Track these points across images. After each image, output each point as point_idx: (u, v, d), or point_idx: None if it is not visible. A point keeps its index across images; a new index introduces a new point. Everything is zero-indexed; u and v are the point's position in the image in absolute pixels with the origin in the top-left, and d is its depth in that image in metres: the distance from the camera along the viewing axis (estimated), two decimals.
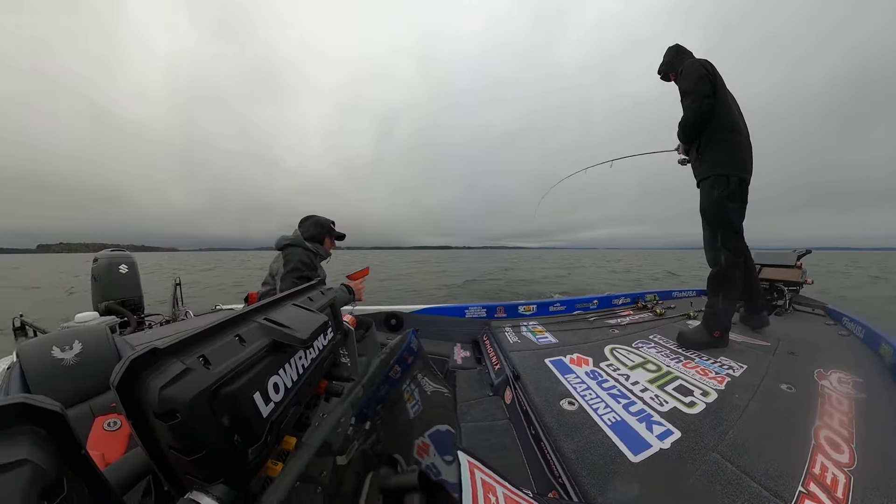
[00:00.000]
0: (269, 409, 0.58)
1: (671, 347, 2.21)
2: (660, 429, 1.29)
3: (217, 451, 0.50)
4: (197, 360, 0.51)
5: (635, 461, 1.13)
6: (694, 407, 1.44)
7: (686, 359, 2.00)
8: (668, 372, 1.82)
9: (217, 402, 0.50)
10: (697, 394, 1.55)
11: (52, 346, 1.53)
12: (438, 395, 1.01)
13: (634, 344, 2.29)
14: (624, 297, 3.64)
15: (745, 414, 1.37)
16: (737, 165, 2.15)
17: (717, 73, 2.20)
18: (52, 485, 0.34)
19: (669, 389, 1.61)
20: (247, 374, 0.56)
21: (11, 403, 0.34)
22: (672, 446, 1.19)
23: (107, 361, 1.58)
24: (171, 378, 0.46)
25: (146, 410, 0.46)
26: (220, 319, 0.60)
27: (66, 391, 1.41)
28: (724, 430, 1.27)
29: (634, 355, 2.08)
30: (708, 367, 1.87)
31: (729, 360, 1.95)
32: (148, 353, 0.46)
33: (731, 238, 2.19)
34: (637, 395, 1.56)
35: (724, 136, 2.16)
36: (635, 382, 1.70)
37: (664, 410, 1.42)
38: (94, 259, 3.77)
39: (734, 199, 2.13)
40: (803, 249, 3.37)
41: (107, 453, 1.17)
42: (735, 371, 1.79)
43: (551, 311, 3.33)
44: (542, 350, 2.25)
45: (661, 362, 1.96)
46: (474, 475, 0.70)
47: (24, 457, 0.32)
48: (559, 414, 1.44)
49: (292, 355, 0.68)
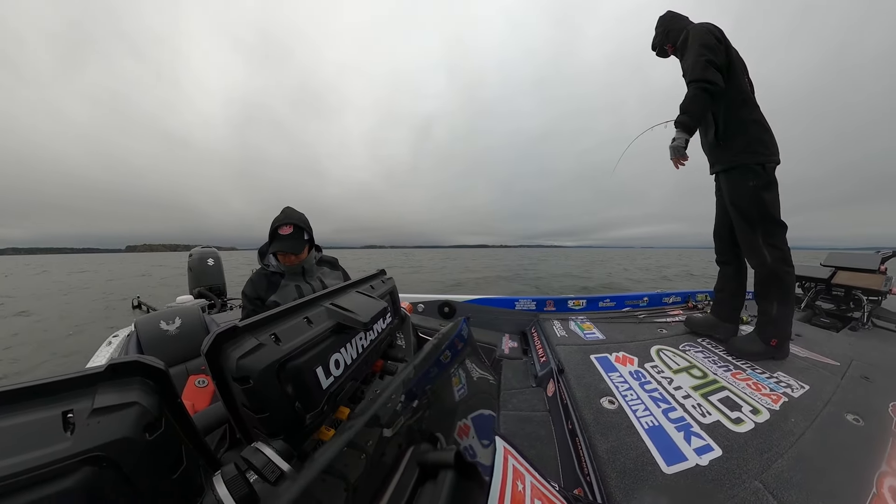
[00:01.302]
0: (328, 381, 0.66)
1: (720, 354, 2.06)
2: (699, 442, 1.23)
3: (280, 414, 0.58)
4: (269, 338, 0.58)
5: (667, 472, 1.09)
6: (740, 424, 1.35)
7: (736, 368, 1.86)
8: (715, 380, 1.71)
9: (284, 373, 0.58)
10: (746, 410, 1.45)
11: (159, 321, 2.05)
12: (484, 381, 1.04)
13: (681, 346, 2.17)
14: (675, 295, 3.42)
15: (799, 442, 1.25)
16: (772, 150, 1.86)
17: (726, 38, 1.85)
18: (154, 422, 0.42)
19: (714, 400, 1.52)
20: (311, 350, 0.64)
21: (128, 361, 0.44)
22: (710, 464, 1.13)
23: (199, 334, 2.08)
24: (247, 350, 0.54)
25: (227, 374, 0.55)
26: (292, 304, 0.67)
27: (168, 354, 1.87)
28: (771, 456, 1.17)
29: (680, 358, 1.98)
30: (762, 381, 1.73)
31: (788, 377, 1.78)
32: (230, 330, 0.55)
33: (776, 232, 1.90)
34: (678, 402, 1.49)
35: (749, 114, 1.84)
36: (678, 387, 1.62)
37: (706, 422, 1.35)
38: (189, 254, 4.61)
39: (772, 189, 1.85)
40: (889, 251, 2.87)
41: (196, 403, 1.48)
42: (794, 391, 1.64)
43: (601, 306, 3.24)
44: (588, 346, 2.21)
45: (707, 369, 1.85)
46: (507, 461, 0.73)
47: (135, 400, 0.42)
48: (598, 411, 1.42)
49: (353, 336, 0.76)
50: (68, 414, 0.38)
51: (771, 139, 1.89)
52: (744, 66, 1.93)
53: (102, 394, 0.41)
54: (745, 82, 1.91)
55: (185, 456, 0.46)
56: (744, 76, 1.91)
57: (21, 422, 0.36)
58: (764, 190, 1.85)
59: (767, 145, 1.86)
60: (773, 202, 1.88)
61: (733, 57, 1.85)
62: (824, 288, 3.26)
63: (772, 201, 1.87)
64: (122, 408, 0.40)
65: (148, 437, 0.41)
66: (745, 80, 1.91)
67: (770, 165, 1.85)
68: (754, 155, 1.85)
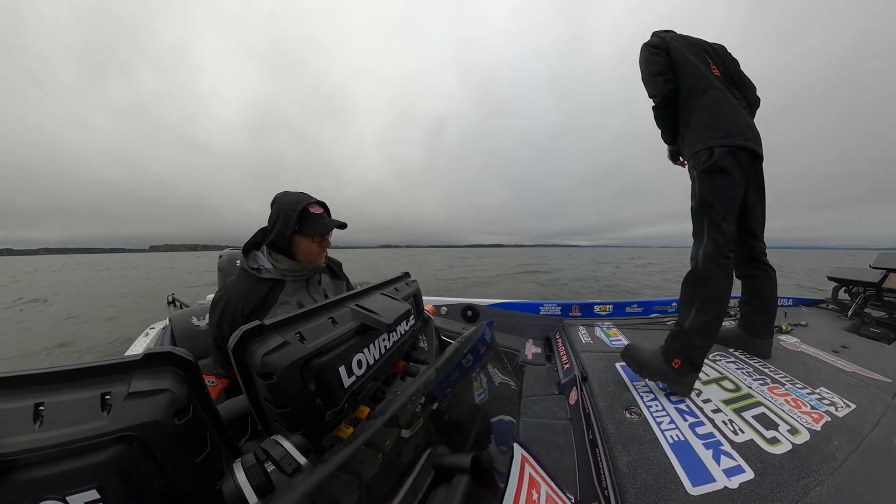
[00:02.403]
0: (350, 381, 0.68)
1: (756, 365, 1.94)
2: (729, 462, 1.16)
3: (301, 410, 0.60)
4: (294, 336, 0.61)
5: (692, 493, 1.03)
6: (776, 445, 1.26)
7: (774, 382, 1.74)
8: (749, 395, 1.62)
9: (307, 370, 0.60)
10: (783, 429, 1.35)
11: (192, 317, 2.22)
12: (505, 386, 1.04)
13: (712, 356, 2.06)
14: None
15: (842, 468, 1.15)
16: (721, 131, 1.61)
17: (671, 38, 1.73)
18: (183, 409, 0.46)
19: (748, 416, 1.44)
20: (335, 350, 0.66)
21: (163, 351, 0.48)
22: (740, 487, 1.05)
23: None
24: (272, 348, 0.57)
25: (251, 370, 0.58)
26: (318, 304, 0.70)
27: (198, 348, 2.10)
28: (810, 483, 1.08)
29: (710, 368, 1.88)
30: (803, 397, 1.61)
31: (833, 393, 1.65)
32: (256, 327, 0.58)
33: (714, 226, 1.60)
34: (707, 416, 1.42)
35: (698, 100, 1.67)
36: (707, 400, 1.55)
37: (738, 441, 1.28)
38: (219, 255, 5.14)
39: (718, 175, 1.59)
40: None
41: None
42: (838, 410, 1.51)
43: (627, 312, 3.15)
44: (614, 353, 2.14)
45: (740, 381, 1.74)
46: (524, 469, 0.72)
47: (167, 387, 0.45)
48: (621, 422, 1.38)
49: (377, 337, 0.78)
50: (106, 396, 0.42)
51: (722, 121, 1.64)
52: (704, 54, 1.78)
53: (138, 379, 0.44)
54: (705, 71, 1.73)
55: (209, 442, 0.50)
56: (703, 66, 1.73)
57: (65, 399, 0.41)
58: (709, 175, 1.62)
59: (716, 128, 1.63)
60: (720, 191, 1.61)
61: (678, 55, 1.71)
62: (874, 293, 3.01)
63: (717, 190, 1.61)
64: (154, 393, 0.44)
65: (177, 422, 0.45)
66: (702, 69, 1.73)
67: (720, 150, 1.59)
68: (700, 141, 1.66)
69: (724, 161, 1.58)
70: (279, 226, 1.15)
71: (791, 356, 2.10)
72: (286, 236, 1.16)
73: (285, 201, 1.17)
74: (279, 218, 1.16)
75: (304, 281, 1.25)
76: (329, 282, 1.43)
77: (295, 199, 1.18)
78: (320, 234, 1.21)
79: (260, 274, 1.17)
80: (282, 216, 1.15)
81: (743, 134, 1.63)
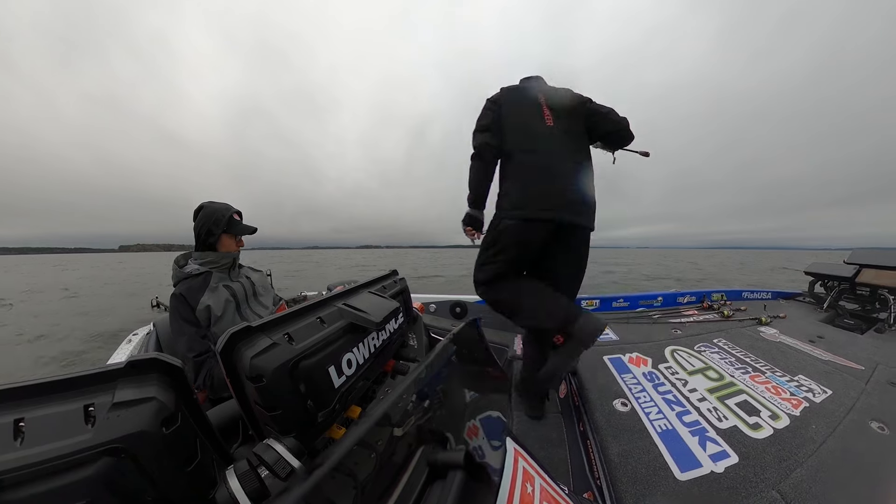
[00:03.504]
0: (340, 381, 0.66)
1: (738, 355, 2.01)
2: (714, 448, 1.20)
3: (292, 412, 0.58)
4: (283, 337, 0.59)
5: (681, 479, 1.07)
6: (758, 430, 1.31)
7: (755, 371, 1.81)
8: (732, 383, 1.67)
9: (297, 372, 0.58)
10: (765, 415, 1.41)
11: None
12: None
13: (696, 347, 2.12)
14: (689, 295, 3.36)
15: (819, 451, 1.21)
16: (511, 204, 1.47)
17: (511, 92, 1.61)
18: (170, 417, 0.44)
19: (731, 404, 1.49)
20: (324, 350, 0.64)
21: (147, 358, 0.46)
22: (725, 471, 1.10)
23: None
24: (261, 350, 0.55)
25: (240, 373, 0.56)
26: (307, 304, 0.69)
27: None
28: (790, 465, 1.13)
29: (695, 359, 1.94)
30: (782, 385, 1.68)
31: (810, 380, 1.72)
32: (243, 329, 0.56)
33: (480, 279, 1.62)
34: (693, 405, 1.46)
35: (504, 167, 1.55)
36: (693, 390, 1.59)
37: (722, 427, 1.32)
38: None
39: (492, 243, 1.54)
40: None
41: None
42: (816, 395, 1.59)
43: (614, 306, 3.21)
44: (602, 346, 2.18)
45: (724, 370, 1.80)
46: (517, 463, 0.72)
47: (153, 395, 0.43)
48: (610, 414, 1.41)
49: (365, 336, 0.76)
50: (90, 407, 0.40)
51: (516, 194, 1.48)
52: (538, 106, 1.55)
53: (122, 389, 0.42)
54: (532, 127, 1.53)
55: (200, 450, 0.48)
56: (534, 119, 1.54)
57: (46, 414, 0.38)
58: (489, 234, 1.57)
59: (509, 199, 1.50)
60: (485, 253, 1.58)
61: (506, 110, 1.56)
62: (848, 287, 3.15)
63: (484, 250, 1.59)
64: (140, 402, 0.42)
65: (165, 431, 0.43)
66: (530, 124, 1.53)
67: (506, 222, 1.47)
68: (498, 207, 1.55)
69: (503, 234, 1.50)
70: (210, 226, 1.48)
71: (770, 346, 2.18)
72: (216, 234, 1.50)
73: (215, 208, 1.51)
74: (210, 220, 1.48)
75: (226, 270, 1.57)
76: (249, 270, 1.76)
77: (224, 207, 1.53)
78: (241, 234, 1.59)
79: (192, 273, 1.50)
80: (213, 219, 1.49)
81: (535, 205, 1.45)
